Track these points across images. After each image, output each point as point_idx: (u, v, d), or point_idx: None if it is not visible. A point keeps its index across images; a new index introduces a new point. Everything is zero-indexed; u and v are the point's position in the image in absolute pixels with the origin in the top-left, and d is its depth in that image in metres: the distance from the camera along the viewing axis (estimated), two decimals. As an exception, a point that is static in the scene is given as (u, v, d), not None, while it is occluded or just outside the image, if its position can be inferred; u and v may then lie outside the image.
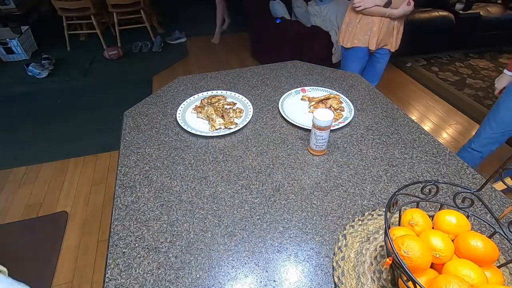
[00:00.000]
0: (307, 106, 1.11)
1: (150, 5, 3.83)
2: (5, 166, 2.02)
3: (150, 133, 0.98)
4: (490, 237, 0.53)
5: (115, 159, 2.04)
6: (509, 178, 1.15)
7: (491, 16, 3.37)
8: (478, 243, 0.49)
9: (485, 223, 0.67)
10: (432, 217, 0.58)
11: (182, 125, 0.98)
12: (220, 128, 0.98)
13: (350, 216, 0.71)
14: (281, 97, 1.12)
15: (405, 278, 0.45)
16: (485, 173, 0.79)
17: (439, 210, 0.59)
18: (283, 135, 0.97)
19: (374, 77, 1.85)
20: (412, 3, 1.52)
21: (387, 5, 1.51)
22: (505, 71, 1.45)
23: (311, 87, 1.19)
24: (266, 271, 0.61)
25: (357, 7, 1.54)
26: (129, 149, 0.92)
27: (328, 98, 1.09)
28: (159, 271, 0.61)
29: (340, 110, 1.07)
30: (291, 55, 2.14)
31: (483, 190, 0.75)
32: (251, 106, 1.07)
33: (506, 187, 0.53)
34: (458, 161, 0.87)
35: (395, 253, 0.44)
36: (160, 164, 0.86)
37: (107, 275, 0.60)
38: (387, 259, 0.47)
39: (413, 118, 2.00)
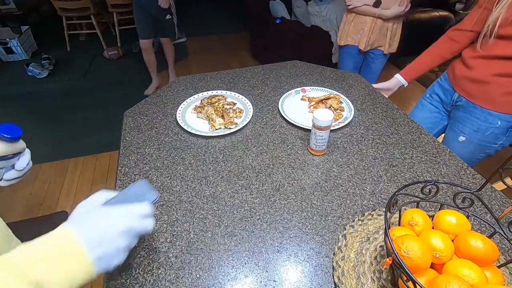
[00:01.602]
0: (307, 106, 1.11)
1: (150, 5, 3.83)
2: (5, 166, 2.02)
3: (150, 133, 0.98)
4: (490, 237, 0.53)
5: (115, 159, 2.03)
6: (509, 178, 1.15)
7: (491, 16, 3.37)
8: (478, 243, 0.49)
9: (485, 223, 0.67)
10: (432, 217, 0.58)
11: (182, 125, 0.98)
12: (220, 128, 0.98)
13: (350, 216, 0.71)
14: (281, 97, 1.12)
15: (405, 278, 0.45)
16: (485, 173, 0.79)
17: (439, 210, 0.59)
18: (283, 135, 0.97)
19: (370, 77, 1.87)
20: (405, 3, 1.52)
21: (376, 4, 1.51)
22: (398, 76, 1.28)
23: (311, 87, 1.19)
24: (266, 271, 0.61)
25: (348, 5, 1.58)
26: (129, 149, 0.92)
27: (328, 98, 1.09)
28: (159, 271, 0.61)
29: (340, 110, 1.07)
30: (291, 55, 2.14)
31: (483, 190, 0.75)
32: (251, 106, 1.07)
33: (506, 187, 0.53)
34: (458, 161, 0.87)
35: (395, 253, 0.44)
36: (160, 164, 0.86)
37: (107, 275, 0.60)
38: (387, 259, 0.47)
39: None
